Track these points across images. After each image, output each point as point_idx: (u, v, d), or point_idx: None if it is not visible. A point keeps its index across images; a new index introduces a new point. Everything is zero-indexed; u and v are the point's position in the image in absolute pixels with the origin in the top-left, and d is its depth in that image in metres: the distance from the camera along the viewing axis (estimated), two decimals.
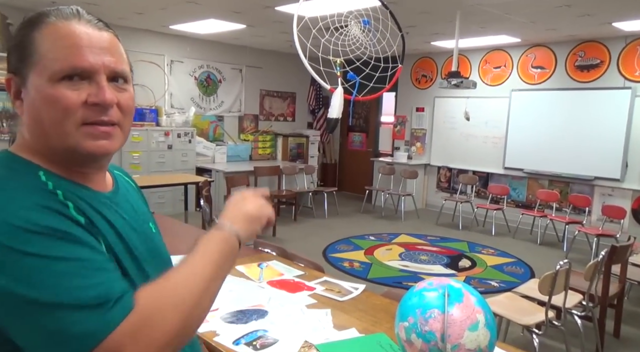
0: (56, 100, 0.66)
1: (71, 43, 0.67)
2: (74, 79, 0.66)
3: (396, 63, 2.22)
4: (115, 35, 0.74)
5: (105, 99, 0.68)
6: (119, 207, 0.76)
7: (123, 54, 0.74)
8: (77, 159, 0.70)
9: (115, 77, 0.71)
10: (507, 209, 6.36)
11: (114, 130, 0.71)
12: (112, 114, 0.70)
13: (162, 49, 6.55)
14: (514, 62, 6.57)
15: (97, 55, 0.68)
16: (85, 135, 0.68)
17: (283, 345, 1.53)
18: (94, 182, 0.74)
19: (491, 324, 1.18)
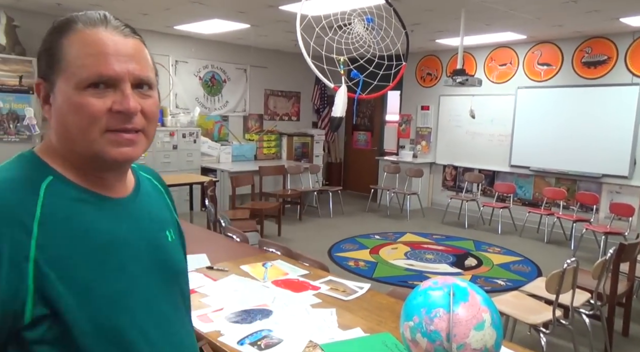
0: (82, 108, 0.67)
1: (98, 51, 0.67)
2: (99, 86, 0.67)
3: (400, 61, 2.20)
4: (141, 41, 0.74)
5: (129, 107, 0.68)
6: (129, 214, 0.75)
7: (149, 60, 0.74)
8: (100, 165, 0.71)
9: (140, 83, 0.71)
10: (514, 207, 6.32)
11: (137, 137, 0.71)
12: (136, 121, 0.70)
13: (166, 50, 6.57)
14: (519, 59, 6.52)
15: (122, 63, 0.68)
16: (109, 142, 0.69)
17: (287, 345, 1.53)
18: (110, 188, 0.74)
19: (497, 324, 1.17)
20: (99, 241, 0.69)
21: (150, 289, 0.74)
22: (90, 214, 0.70)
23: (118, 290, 0.69)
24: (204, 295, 1.91)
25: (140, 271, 0.73)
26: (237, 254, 2.51)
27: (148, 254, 0.76)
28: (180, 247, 0.87)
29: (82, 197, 0.70)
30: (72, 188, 0.70)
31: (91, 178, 0.72)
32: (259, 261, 2.37)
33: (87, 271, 0.66)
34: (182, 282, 0.84)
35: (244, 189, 5.82)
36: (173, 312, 0.79)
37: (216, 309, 1.78)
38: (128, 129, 0.70)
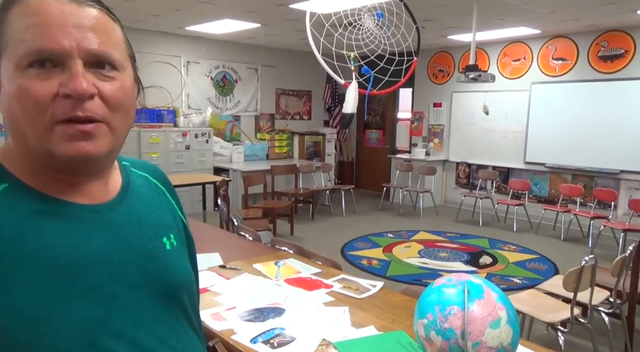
0: (24, 92, 0.55)
1: (40, 21, 0.55)
2: (45, 65, 0.55)
3: (411, 56, 2.18)
4: (107, 13, 0.61)
5: (76, 87, 0.55)
6: (110, 223, 0.64)
7: (114, 35, 0.61)
8: (58, 165, 0.59)
9: (99, 61, 0.58)
10: (529, 204, 6.23)
11: (96, 128, 0.58)
12: (91, 107, 0.57)
13: (178, 51, 6.61)
14: (533, 55, 6.43)
15: (70, 35, 0.55)
16: (60, 136, 0.56)
17: (300, 343, 1.52)
18: (83, 193, 0.63)
19: (514, 321, 1.14)
20: (62, 260, 0.57)
21: (137, 310, 0.63)
22: (51, 228, 0.58)
23: (90, 317, 0.57)
24: (216, 293, 1.91)
25: (124, 290, 0.62)
26: (250, 252, 2.51)
27: (135, 268, 0.64)
28: (184, 255, 0.75)
29: (41, 208, 0.58)
30: (29, 197, 0.59)
31: (57, 182, 0.61)
32: (271, 259, 2.37)
33: (43, 297, 0.54)
34: (183, 296, 0.71)
35: (256, 188, 5.83)
36: (171, 333, 0.67)
37: (229, 307, 1.78)
38: (80, 117, 0.56)
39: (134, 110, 0.65)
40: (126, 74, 0.62)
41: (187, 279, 0.73)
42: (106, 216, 0.64)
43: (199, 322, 0.77)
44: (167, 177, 0.81)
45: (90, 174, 0.63)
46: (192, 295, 0.74)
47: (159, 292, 0.66)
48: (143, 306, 0.64)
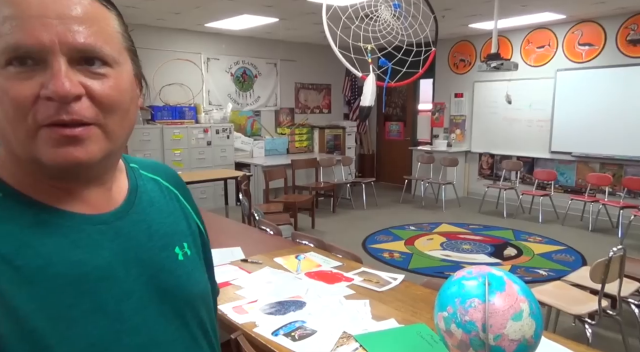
0: (3, 94, 0.49)
1: (17, 12, 0.48)
2: (27, 63, 0.48)
3: (429, 47, 2.15)
4: (104, 1, 0.54)
5: (57, 88, 0.48)
6: (116, 234, 0.58)
7: (106, 26, 0.53)
8: (49, 172, 0.53)
9: (87, 57, 0.51)
10: (555, 194, 6.08)
11: (86, 132, 0.51)
12: (78, 110, 0.50)
13: (198, 47, 6.68)
14: (558, 41, 6.24)
15: (51, 27, 0.48)
16: (45, 141, 0.50)
17: (321, 336, 1.53)
18: (85, 202, 0.57)
19: (536, 314, 1.13)
20: (64, 279, 0.51)
21: (146, 331, 0.57)
22: (50, 243, 0.52)
23: (93, 341, 0.52)
24: (238, 287, 1.94)
25: (132, 309, 0.56)
26: (271, 246, 2.54)
27: (144, 283, 0.58)
28: (199, 264, 0.69)
29: (39, 219, 0.53)
30: (25, 208, 0.53)
31: (54, 190, 0.55)
32: (292, 253, 2.39)
33: (46, 321, 0.49)
34: (200, 309, 0.65)
35: (277, 182, 5.87)
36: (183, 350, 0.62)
37: (251, 300, 1.81)
38: (65, 121, 0.49)
39: (135, 110, 0.58)
40: (122, 71, 0.54)
41: (203, 290, 0.68)
42: (111, 226, 0.58)
43: (216, 334, 0.71)
44: (180, 179, 0.75)
45: (87, 181, 0.57)
46: (209, 307, 0.69)
47: (172, 308, 0.61)
48: (154, 326, 0.58)
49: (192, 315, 0.64)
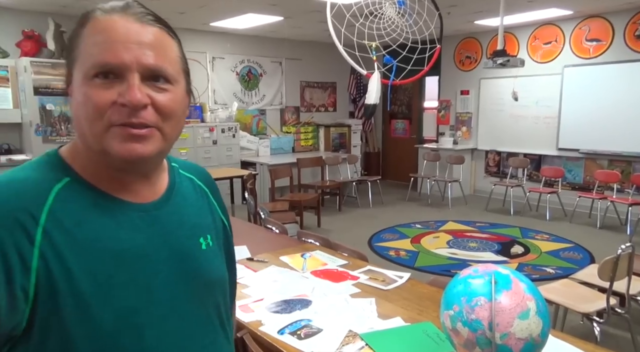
0: (88, 99, 0.62)
1: (106, 38, 0.62)
2: (109, 77, 0.62)
3: (434, 44, 2.13)
4: (167, 31, 0.67)
5: (131, 98, 0.61)
6: (153, 221, 0.69)
7: (170, 52, 0.67)
8: (112, 163, 0.65)
9: (154, 75, 0.64)
10: (563, 192, 6.04)
11: (149, 133, 0.64)
12: (144, 115, 0.63)
13: (203, 47, 6.69)
14: (565, 37, 6.19)
15: (131, 51, 0.62)
16: (114, 137, 0.62)
17: (327, 334, 1.53)
18: (133, 192, 0.69)
19: (543, 312, 1.12)
20: (108, 252, 0.63)
21: (168, 304, 0.68)
22: (103, 221, 0.64)
23: (125, 306, 0.63)
24: (244, 286, 1.94)
25: (159, 284, 0.67)
26: (277, 245, 2.54)
27: (171, 265, 0.69)
28: (219, 255, 0.80)
29: (97, 202, 0.65)
30: (88, 191, 0.65)
31: (111, 181, 0.67)
32: (298, 251, 2.39)
33: (90, 284, 0.60)
34: (217, 293, 0.76)
35: (283, 181, 5.87)
36: (199, 328, 0.72)
37: (257, 299, 1.81)
38: (134, 123, 0.62)
39: (184, 119, 0.72)
40: (178, 87, 0.68)
41: (220, 277, 0.78)
42: (151, 214, 0.70)
43: (230, 320, 0.81)
44: (212, 180, 0.87)
45: (139, 174, 0.69)
46: (225, 293, 0.79)
47: (192, 289, 0.71)
48: (176, 301, 0.69)
49: (208, 297, 0.74)
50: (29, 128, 4.99)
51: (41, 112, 5.00)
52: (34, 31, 5.17)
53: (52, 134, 5.08)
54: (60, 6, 5.09)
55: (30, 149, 5.04)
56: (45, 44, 5.20)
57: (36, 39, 5.18)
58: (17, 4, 4.96)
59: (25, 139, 5.20)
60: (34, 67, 4.91)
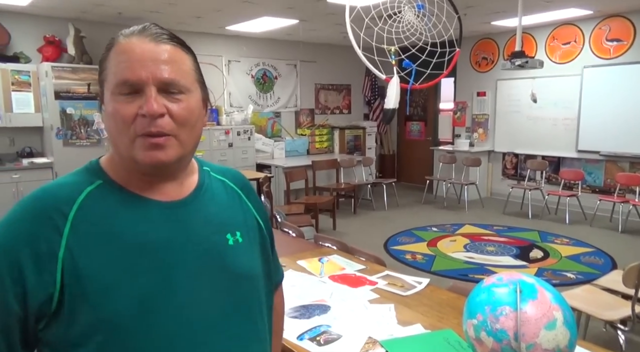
0: (115, 113, 0.70)
1: (126, 58, 0.70)
2: (131, 93, 0.70)
3: (453, 47, 2.11)
4: (181, 47, 0.74)
5: (149, 109, 0.69)
6: (178, 217, 0.75)
7: (184, 65, 0.73)
8: (140, 168, 0.73)
9: (170, 87, 0.71)
10: (583, 195, 5.92)
11: (166, 141, 0.71)
12: (161, 124, 0.70)
13: (219, 50, 6.75)
14: (585, 37, 6.08)
15: (147, 68, 0.69)
16: (139, 147, 0.70)
17: (347, 341, 1.52)
18: (159, 192, 0.76)
19: (571, 322, 1.09)
20: (132, 242, 0.70)
21: (189, 294, 0.72)
22: (128, 216, 0.72)
23: (145, 292, 0.69)
24: None
25: (180, 275, 0.72)
26: (294, 249, 2.54)
27: (195, 257, 0.74)
28: (250, 251, 0.83)
29: (125, 200, 0.73)
30: (117, 191, 0.74)
31: (140, 183, 0.75)
32: (315, 256, 2.38)
33: (113, 271, 0.68)
34: (245, 288, 0.80)
35: (298, 183, 5.87)
36: (224, 320, 0.76)
37: None
38: (153, 132, 0.70)
39: (201, 124, 0.78)
40: (192, 96, 0.74)
41: (248, 272, 0.81)
42: (175, 211, 0.76)
43: (262, 313, 0.83)
44: (247, 183, 0.92)
45: (164, 176, 0.76)
46: (255, 289, 0.82)
47: (216, 281, 0.75)
48: (197, 292, 0.73)
49: (235, 291, 0.78)
50: (50, 132, 5.08)
51: (61, 116, 5.09)
52: (54, 37, 5.27)
53: (72, 137, 5.17)
54: (80, 12, 5.18)
55: (51, 152, 5.14)
56: (66, 49, 5.30)
57: (57, 44, 5.28)
58: (38, 10, 5.07)
59: (46, 142, 5.29)
60: (54, 71, 5.00)
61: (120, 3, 4.79)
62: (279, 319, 1.03)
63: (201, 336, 0.72)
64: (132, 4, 4.84)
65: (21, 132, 5.26)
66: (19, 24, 5.18)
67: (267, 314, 0.87)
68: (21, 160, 5.12)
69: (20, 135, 5.29)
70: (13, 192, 4.81)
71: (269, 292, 0.90)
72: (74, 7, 4.97)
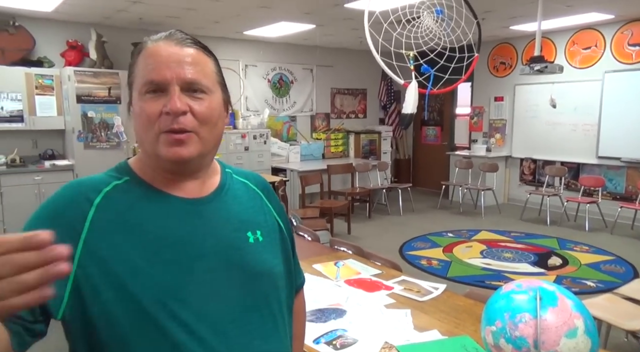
0: (142, 111, 0.74)
1: (153, 60, 0.74)
2: (157, 92, 0.74)
3: (472, 52, 2.10)
4: (205, 51, 0.79)
5: (172, 106, 0.72)
6: (199, 214, 0.78)
7: (205, 67, 0.77)
8: (163, 164, 0.77)
9: (191, 87, 0.75)
10: (603, 202, 5.81)
11: (188, 137, 0.74)
12: (184, 121, 0.73)
13: (237, 55, 6.82)
14: (606, 41, 5.98)
15: (172, 69, 0.73)
16: (163, 143, 0.74)
17: (363, 345, 1.52)
18: (182, 189, 0.79)
19: (592, 331, 1.08)
20: (153, 233, 0.74)
21: (209, 287, 0.74)
22: (152, 209, 0.76)
23: (166, 281, 0.71)
24: None
25: (201, 267, 0.75)
26: (309, 253, 2.55)
27: (216, 252, 0.77)
28: (270, 250, 0.85)
29: (149, 195, 0.77)
30: (142, 187, 0.78)
31: (164, 180, 0.79)
32: (330, 259, 2.39)
33: (135, 256, 0.71)
34: (265, 285, 0.82)
35: (313, 187, 5.89)
36: (243, 314, 0.77)
37: None
38: (175, 129, 0.73)
39: (222, 124, 0.81)
40: (214, 96, 0.78)
41: (268, 270, 0.83)
42: (196, 207, 0.79)
43: (282, 313, 0.84)
44: (268, 185, 0.96)
45: (186, 174, 0.79)
46: (275, 286, 0.84)
47: (236, 277, 0.77)
48: (218, 285, 0.75)
49: (255, 287, 0.80)
50: (72, 134, 5.19)
51: (83, 119, 5.20)
52: (77, 41, 5.39)
53: (92, 140, 5.27)
54: (103, 17, 5.30)
55: (72, 155, 5.25)
56: (88, 54, 5.41)
57: (79, 49, 5.40)
58: (62, 16, 5.20)
59: (68, 145, 5.41)
60: (77, 76, 5.12)
61: (141, 9, 4.89)
62: (300, 323, 1.04)
63: (221, 328, 0.74)
64: (152, 9, 4.93)
65: (44, 134, 5.39)
66: (43, 29, 5.32)
67: (288, 314, 0.88)
68: (43, 162, 5.24)
69: (43, 137, 5.42)
70: (35, 194, 4.93)
71: (290, 294, 0.91)
72: (96, 12, 5.08)
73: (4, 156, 5.02)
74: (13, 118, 5.02)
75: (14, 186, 4.86)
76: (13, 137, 5.15)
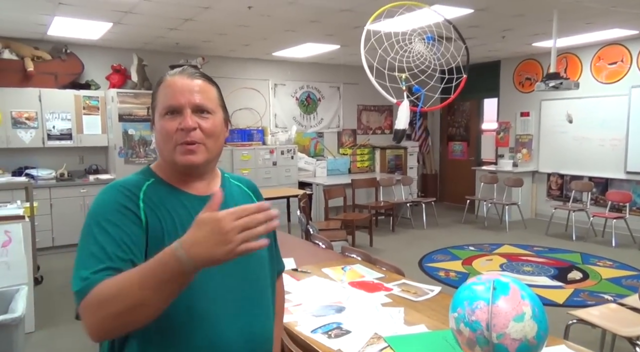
0: (163, 129, 1.00)
1: (170, 90, 1.00)
2: (174, 114, 0.98)
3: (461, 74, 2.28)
4: (210, 82, 1.04)
5: (185, 124, 0.98)
6: None
7: (210, 94, 1.02)
8: (178, 168, 1.01)
9: (199, 109, 1.00)
10: (631, 217, 5.71)
11: (197, 148, 0.99)
12: (194, 135, 0.98)
13: (266, 75, 7.19)
14: (632, 56, 5.95)
15: (185, 96, 0.99)
16: (178, 152, 0.99)
17: (354, 335, 1.70)
18: (193, 187, 1.03)
19: (539, 317, 1.23)
20: (178, 220, 0.98)
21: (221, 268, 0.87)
22: (175, 202, 1.01)
23: None
24: (286, 292, 2.16)
25: None
26: (321, 258, 2.75)
27: None
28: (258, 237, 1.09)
29: (171, 191, 1.02)
30: (165, 186, 1.03)
31: (179, 180, 1.03)
32: (339, 264, 2.58)
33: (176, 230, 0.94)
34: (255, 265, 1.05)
35: (338, 201, 6.09)
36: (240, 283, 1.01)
37: (296, 304, 2.02)
38: (188, 141, 0.98)
39: (223, 138, 1.07)
40: (217, 116, 1.03)
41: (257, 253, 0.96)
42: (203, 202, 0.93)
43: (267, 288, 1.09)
44: (257, 188, 1.22)
45: (196, 175, 1.04)
46: (263, 266, 1.08)
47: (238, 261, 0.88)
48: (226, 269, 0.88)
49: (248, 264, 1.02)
50: (114, 151, 5.65)
51: (124, 137, 5.65)
52: (120, 65, 5.89)
53: (132, 156, 5.71)
54: (143, 43, 5.78)
55: (114, 169, 5.69)
56: (130, 76, 5.90)
57: (122, 72, 5.90)
58: (107, 43, 5.71)
59: (110, 160, 5.87)
60: (119, 97, 5.59)
61: (178, 35, 5.32)
62: (281, 300, 1.30)
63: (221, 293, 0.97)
64: (188, 35, 5.35)
65: (89, 151, 5.89)
66: (91, 55, 5.86)
67: (272, 292, 1.13)
68: (88, 176, 5.71)
69: (89, 154, 5.91)
70: (80, 205, 5.38)
71: (272, 276, 1.16)
72: (138, 39, 5.56)
73: (54, 171, 5.51)
74: (63, 136, 5.53)
75: (62, 198, 5.33)
76: (62, 154, 5.66)
